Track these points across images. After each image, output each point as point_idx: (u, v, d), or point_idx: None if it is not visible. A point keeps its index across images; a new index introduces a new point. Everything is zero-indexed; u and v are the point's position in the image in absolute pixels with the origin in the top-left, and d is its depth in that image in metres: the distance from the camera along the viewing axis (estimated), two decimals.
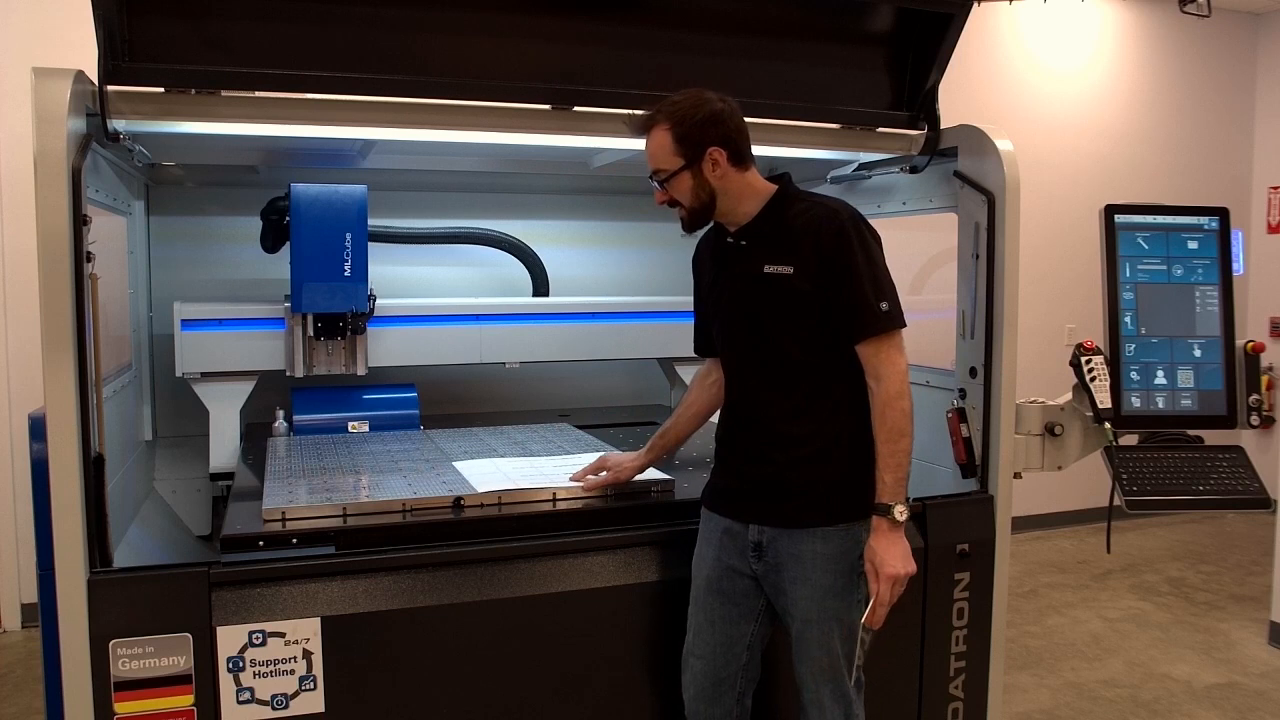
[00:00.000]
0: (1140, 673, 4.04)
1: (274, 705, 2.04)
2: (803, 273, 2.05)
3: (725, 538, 2.18)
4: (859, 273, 2.02)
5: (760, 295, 2.10)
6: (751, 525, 2.14)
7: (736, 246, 2.15)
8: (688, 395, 2.48)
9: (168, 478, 3.40)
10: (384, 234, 3.51)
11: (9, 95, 4.08)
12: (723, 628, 2.18)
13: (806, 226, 2.07)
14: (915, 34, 2.77)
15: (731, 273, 2.17)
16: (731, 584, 2.17)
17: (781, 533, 2.10)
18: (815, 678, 2.09)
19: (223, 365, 3.15)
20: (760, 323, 2.11)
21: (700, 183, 2.07)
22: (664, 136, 2.06)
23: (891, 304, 2.04)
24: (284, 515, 2.23)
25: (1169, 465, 2.66)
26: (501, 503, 2.38)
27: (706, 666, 2.19)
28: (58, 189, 1.92)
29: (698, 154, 2.05)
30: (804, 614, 2.09)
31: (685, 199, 2.10)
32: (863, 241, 2.05)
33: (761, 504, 2.13)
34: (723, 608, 2.18)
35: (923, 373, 3.02)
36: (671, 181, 2.09)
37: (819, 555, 2.07)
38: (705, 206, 2.10)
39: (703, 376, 2.45)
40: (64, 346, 1.93)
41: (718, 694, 2.19)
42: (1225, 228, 2.75)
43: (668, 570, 2.32)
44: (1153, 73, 6.42)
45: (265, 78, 2.28)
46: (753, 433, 2.15)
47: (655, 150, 2.09)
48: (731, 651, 2.18)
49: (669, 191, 2.11)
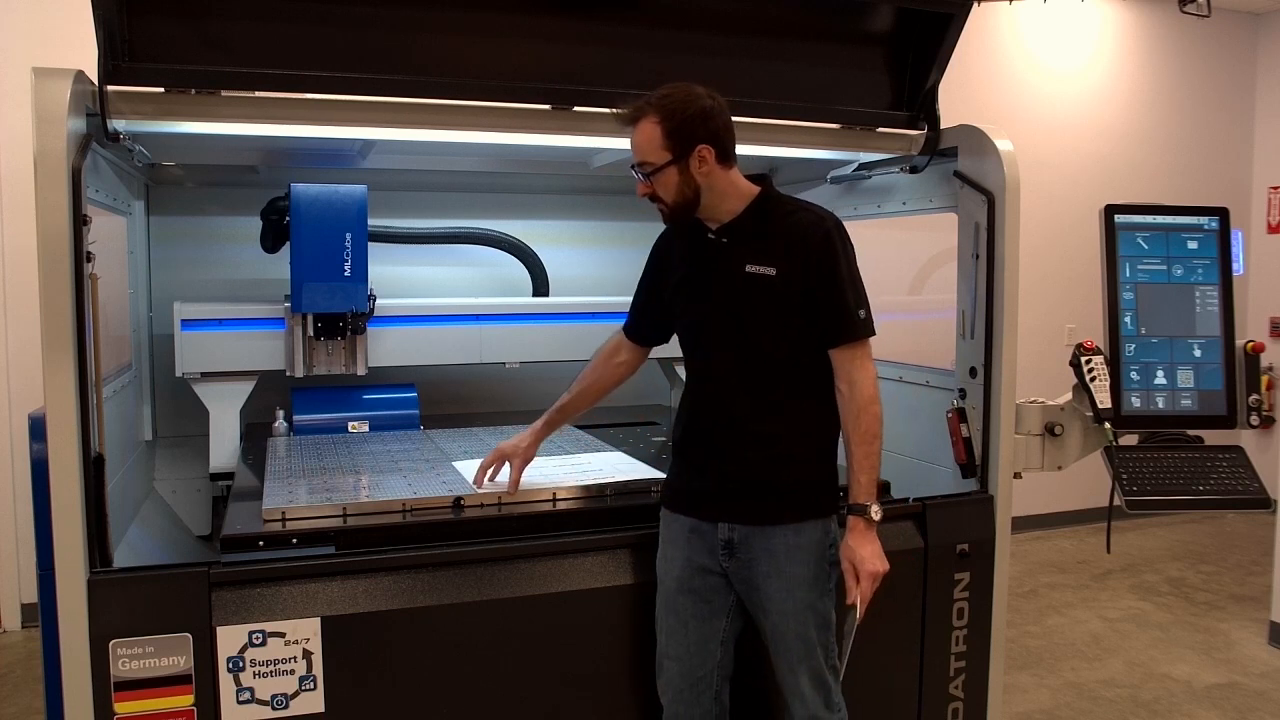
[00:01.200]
0: (1140, 673, 4.04)
1: (274, 705, 2.04)
2: (786, 275, 2.07)
3: (693, 537, 2.18)
4: (842, 279, 2.08)
5: (741, 294, 2.11)
6: (721, 524, 2.14)
7: (718, 244, 2.16)
8: (590, 372, 2.47)
9: (168, 478, 3.40)
10: (384, 234, 3.51)
11: (9, 95, 4.08)
12: (696, 626, 2.18)
13: (793, 230, 2.09)
14: (915, 34, 2.77)
15: (710, 270, 2.17)
16: (702, 582, 2.18)
17: (754, 530, 2.12)
18: (794, 668, 2.11)
19: (223, 365, 3.15)
20: (740, 321, 2.11)
21: (686, 179, 2.07)
22: (653, 130, 2.05)
23: (867, 312, 2.10)
24: (284, 515, 2.23)
25: (1169, 465, 2.66)
26: (501, 503, 2.39)
27: (682, 668, 2.19)
28: (58, 189, 1.92)
29: (686, 150, 2.05)
30: (779, 606, 2.10)
31: (669, 194, 2.09)
32: (846, 250, 2.11)
33: (734, 503, 2.14)
34: (695, 606, 2.18)
35: (923, 373, 3.02)
36: (657, 176, 2.08)
37: (792, 548, 2.09)
38: (689, 203, 2.10)
39: (609, 354, 2.45)
40: (64, 346, 1.93)
41: (696, 694, 2.19)
42: (1225, 228, 2.75)
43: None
44: (1153, 73, 6.42)
45: (265, 78, 2.28)
46: (725, 431, 2.15)
47: (643, 143, 2.08)
48: (706, 649, 2.19)
49: (653, 185, 2.10)
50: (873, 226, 3.25)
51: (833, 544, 2.15)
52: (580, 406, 2.49)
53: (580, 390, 2.47)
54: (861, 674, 2.20)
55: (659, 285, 2.32)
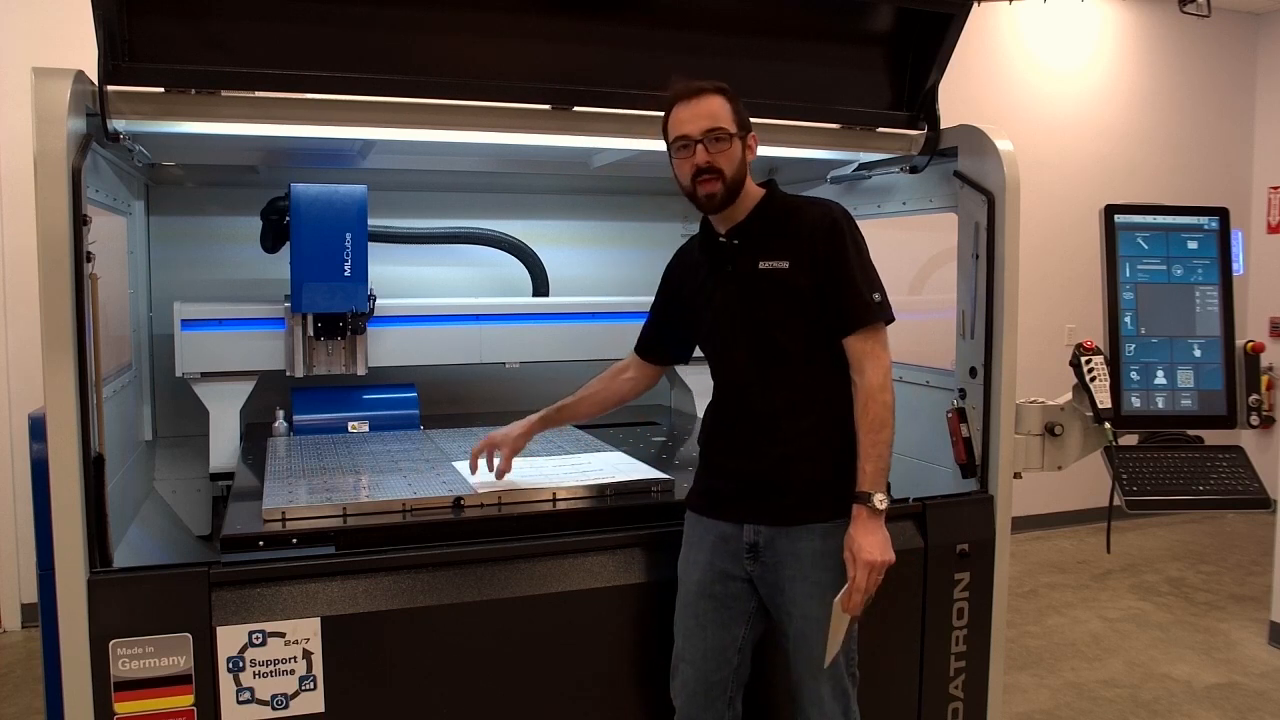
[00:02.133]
0: (1140, 673, 4.04)
1: (274, 705, 2.04)
2: (798, 267, 2.08)
3: (719, 542, 2.17)
4: (851, 265, 2.08)
5: (756, 291, 2.12)
6: (746, 526, 2.14)
7: (729, 246, 2.17)
8: (596, 381, 2.50)
9: (168, 478, 3.40)
10: (384, 234, 3.51)
11: (9, 95, 4.08)
12: (715, 632, 2.18)
13: (800, 222, 2.11)
14: (915, 34, 2.77)
15: (724, 271, 2.18)
16: (724, 588, 2.17)
17: (779, 532, 2.11)
18: (815, 674, 2.10)
19: (223, 365, 3.15)
20: (756, 318, 2.12)
21: (743, 158, 2.12)
22: (724, 104, 2.09)
23: (882, 296, 2.10)
24: (284, 515, 2.23)
25: (1169, 465, 2.66)
26: (501, 503, 2.38)
27: (697, 672, 2.18)
28: (58, 189, 1.92)
29: (745, 132, 2.13)
30: (804, 611, 2.09)
31: (730, 167, 2.10)
32: (854, 236, 2.12)
33: (757, 502, 2.13)
34: (715, 612, 2.18)
35: (922, 373, 3.02)
36: (728, 145, 2.09)
37: (817, 553, 2.08)
38: (740, 181, 2.13)
39: (619, 368, 2.49)
40: (64, 346, 1.93)
41: (709, 699, 2.19)
42: (1225, 228, 2.75)
43: (667, 570, 2.31)
44: (1153, 73, 6.42)
45: (265, 78, 2.28)
46: (746, 428, 2.15)
47: (717, 110, 2.08)
48: (723, 655, 2.18)
49: (717, 154, 2.08)
50: (873, 226, 3.24)
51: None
52: (580, 413, 2.50)
53: (583, 396, 2.48)
54: (862, 674, 2.19)
55: (672, 302, 2.36)
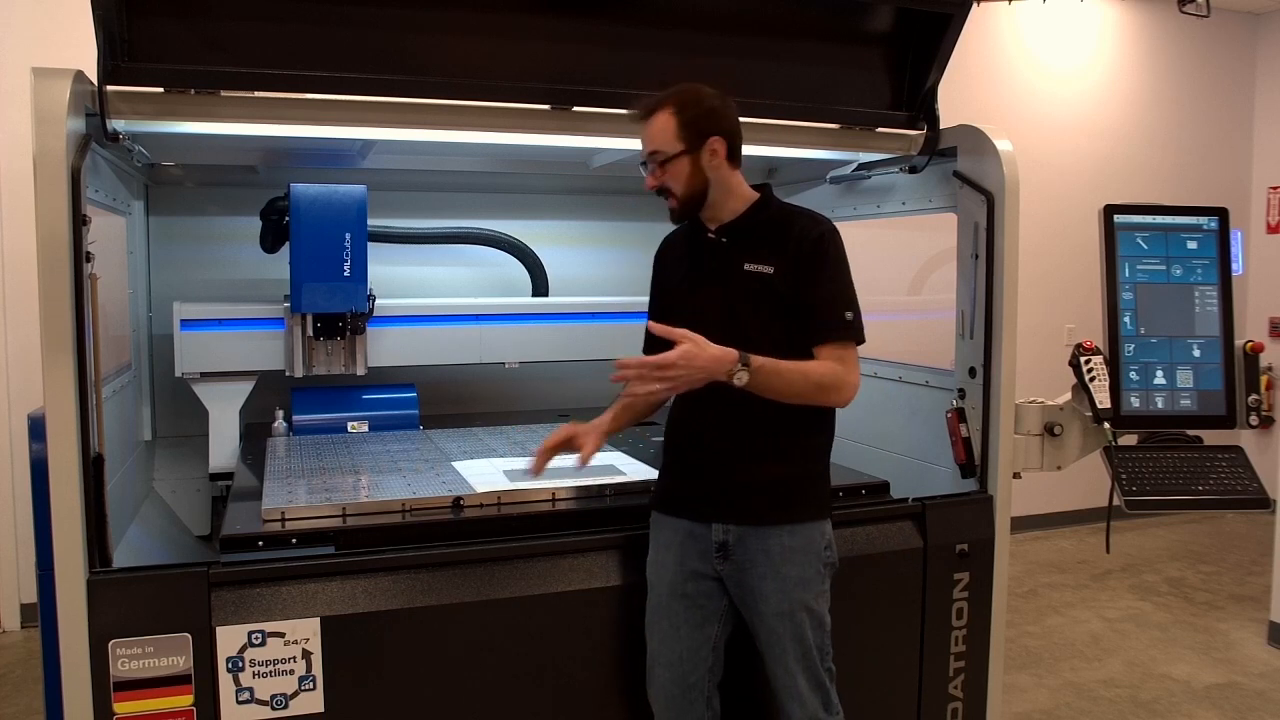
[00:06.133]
0: (1140, 673, 4.04)
1: (274, 705, 2.04)
2: (782, 273, 2.08)
3: (687, 540, 2.17)
4: (828, 279, 2.08)
5: (738, 292, 2.12)
6: (715, 525, 2.14)
7: (717, 243, 2.17)
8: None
9: (167, 478, 3.40)
10: (384, 234, 3.51)
11: (9, 95, 4.08)
12: (689, 632, 2.18)
13: (789, 230, 2.11)
14: (915, 34, 2.77)
15: (708, 269, 2.18)
16: (695, 587, 2.17)
17: (750, 530, 2.11)
18: (790, 670, 2.10)
19: (222, 365, 3.15)
20: (736, 319, 2.11)
21: (696, 170, 2.09)
22: (669, 121, 2.08)
23: (855, 317, 2.10)
24: (283, 515, 2.23)
25: (1168, 465, 2.66)
26: (501, 503, 2.39)
27: (674, 674, 2.18)
28: (57, 189, 1.92)
29: (699, 142, 2.08)
30: (775, 608, 2.09)
31: (679, 186, 2.11)
32: (838, 253, 2.12)
33: (729, 503, 2.13)
34: (687, 612, 2.18)
35: (922, 373, 3.02)
36: (670, 165, 2.09)
37: (787, 549, 2.09)
38: (697, 195, 2.12)
39: None
40: (64, 346, 1.93)
41: (689, 701, 2.19)
42: (1225, 228, 2.75)
43: None
44: (1152, 73, 6.42)
45: (265, 78, 2.28)
46: (720, 430, 2.14)
47: (657, 133, 2.09)
48: (698, 655, 2.18)
49: (664, 176, 2.11)
50: (872, 226, 3.25)
51: (828, 546, 2.15)
52: (639, 411, 2.36)
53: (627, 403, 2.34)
54: (861, 674, 2.20)
55: (666, 290, 2.32)
